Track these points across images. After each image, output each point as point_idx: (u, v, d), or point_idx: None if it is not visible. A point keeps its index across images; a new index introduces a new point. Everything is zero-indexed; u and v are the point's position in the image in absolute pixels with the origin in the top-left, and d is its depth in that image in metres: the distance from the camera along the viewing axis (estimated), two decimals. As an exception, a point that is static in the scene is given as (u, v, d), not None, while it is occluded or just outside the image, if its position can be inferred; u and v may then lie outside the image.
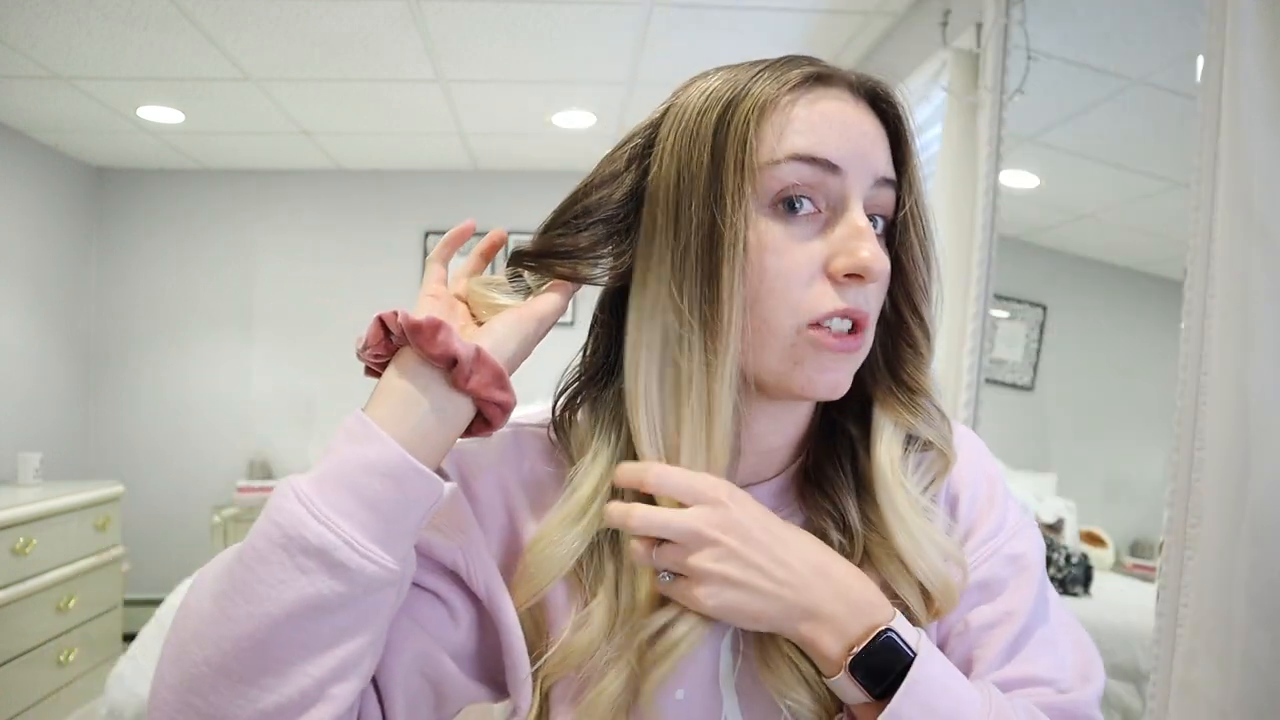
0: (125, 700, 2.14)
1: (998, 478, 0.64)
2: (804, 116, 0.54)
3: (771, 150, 0.53)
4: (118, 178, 3.92)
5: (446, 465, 0.59)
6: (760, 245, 0.54)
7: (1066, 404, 2.55)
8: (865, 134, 0.56)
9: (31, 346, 3.46)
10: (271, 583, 0.47)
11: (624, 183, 0.58)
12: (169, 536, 3.83)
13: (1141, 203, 2.18)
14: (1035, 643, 0.57)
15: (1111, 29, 1.81)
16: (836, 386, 0.56)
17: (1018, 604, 0.58)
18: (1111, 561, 2.42)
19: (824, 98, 0.55)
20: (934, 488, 0.61)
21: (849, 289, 0.54)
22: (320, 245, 3.98)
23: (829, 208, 0.55)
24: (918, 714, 0.49)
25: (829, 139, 0.54)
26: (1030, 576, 0.59)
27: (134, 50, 2.53)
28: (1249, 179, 0.98)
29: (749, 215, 0.53)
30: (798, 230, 0.54)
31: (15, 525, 2.60)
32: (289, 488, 0.49)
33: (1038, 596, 0.59)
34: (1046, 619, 0.59)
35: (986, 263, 1.78)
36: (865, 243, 0.53)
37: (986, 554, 0.60)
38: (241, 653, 0.46)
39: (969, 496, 0.62)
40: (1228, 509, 0.98)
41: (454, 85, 2.87)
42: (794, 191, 0.54)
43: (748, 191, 0.53)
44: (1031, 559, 0.60)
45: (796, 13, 2.30)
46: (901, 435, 0.60)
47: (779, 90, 0.54)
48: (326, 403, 3.97)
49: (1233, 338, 0.99)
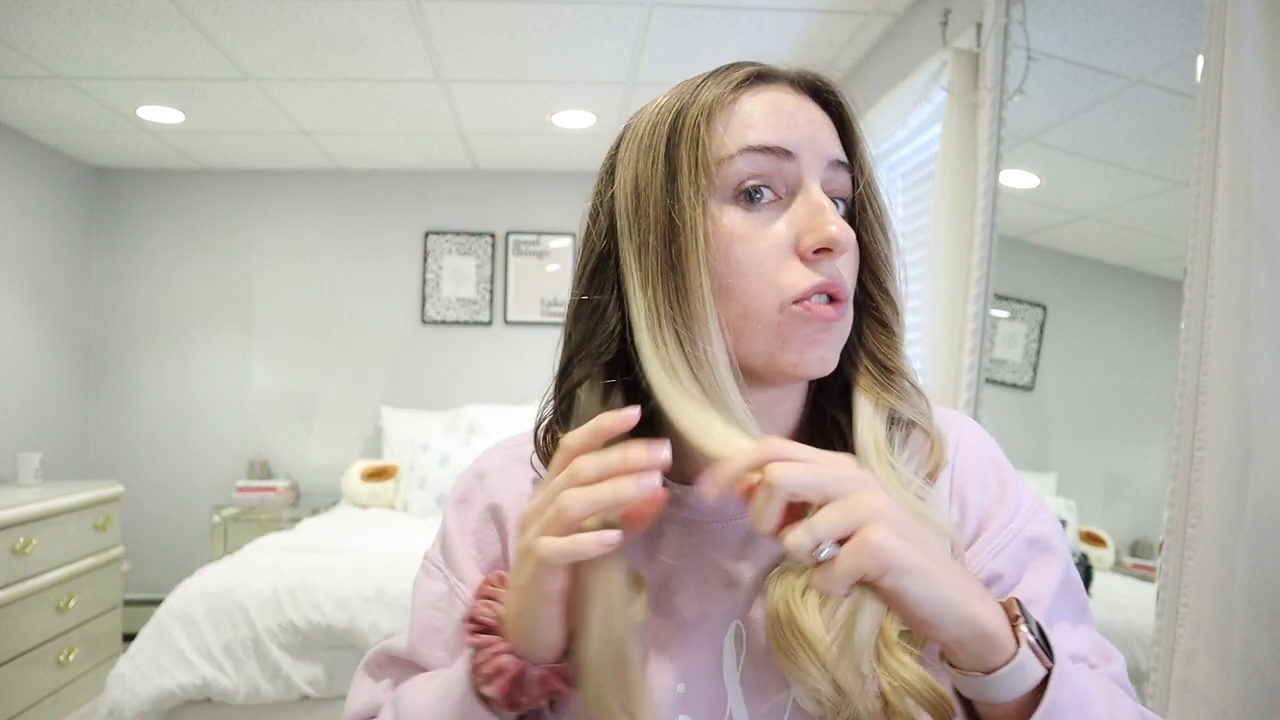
0: (125, 700, 2.15)
1: (1003, 461, 0.64)
2: (751, 110, 0.57)
3: (724, 145, 0.56)
4: (118, 178, 3.92)
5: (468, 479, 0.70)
6: (726, 235, 0.55)
7: (1066, 404, 2.55)
8: (812, 120, 0.58)
9: (31, 346, 3.46)
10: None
11: (600, 221, 0.60)
12: (169, 536, 3.83)
13: (1141, 203, 2.18)
14: (1062, 624, 0.57)
15: (1111, 29, 1.81)
16: (825, 361, 0.57)
17: (1041, 586, 0.58)
18: (1111, 561, 2.42)
19: (767, 91, 0.58)
20: (930, 475, 0.60)
21: (821, 263, 0.56)
22: (320, 245, 3.99)
23: (788, 193, 0.57)
24: (1071, 704, 0.48)
25: (778, 128, 0.56)
26: (1053, 558, 0.59)
27: (134, 50, 2.53)
28: (1249, 179, 0.98)
29: (707, 208, 0.55)
30: (760, 218, 0.56)
31: (15, 525, 2.59)
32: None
33: (1063, 578, 0.59)
34: (1068, 600, 0.59)
35: (986, 263, 1.78)
36: (829, 217, 0.55)
37: (1005, 540, 0.60)
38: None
39: (978, 487, 0.62)
40: (1228, 509, 0.98)
41: (454, 85, 2.87)
42: (751, 183, 0.56)
43: (703, 186, 0.55)
44: (1053, 540, 0.60)
45: (796, 13, 2.30)
46: (883, 415, 0.60)
47: (724, 90, 0.57)
48: (326, 403, 3.98)
49: (1233, 338, 0.99)
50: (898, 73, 2.24)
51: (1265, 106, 0.98)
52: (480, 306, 4.01)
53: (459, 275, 4.01)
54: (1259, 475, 0.95)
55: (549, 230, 4.01)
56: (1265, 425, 0.95)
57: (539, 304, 4.03)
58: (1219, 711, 0.96)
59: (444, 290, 4.01)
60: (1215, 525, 1.00)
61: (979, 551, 0.60)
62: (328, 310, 3.98)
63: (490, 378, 3.98)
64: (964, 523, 0.61)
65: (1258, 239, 0.97)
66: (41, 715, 2.67)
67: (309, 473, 3.94)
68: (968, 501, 0.61)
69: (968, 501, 0.61)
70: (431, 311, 4.00)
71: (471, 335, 4.01)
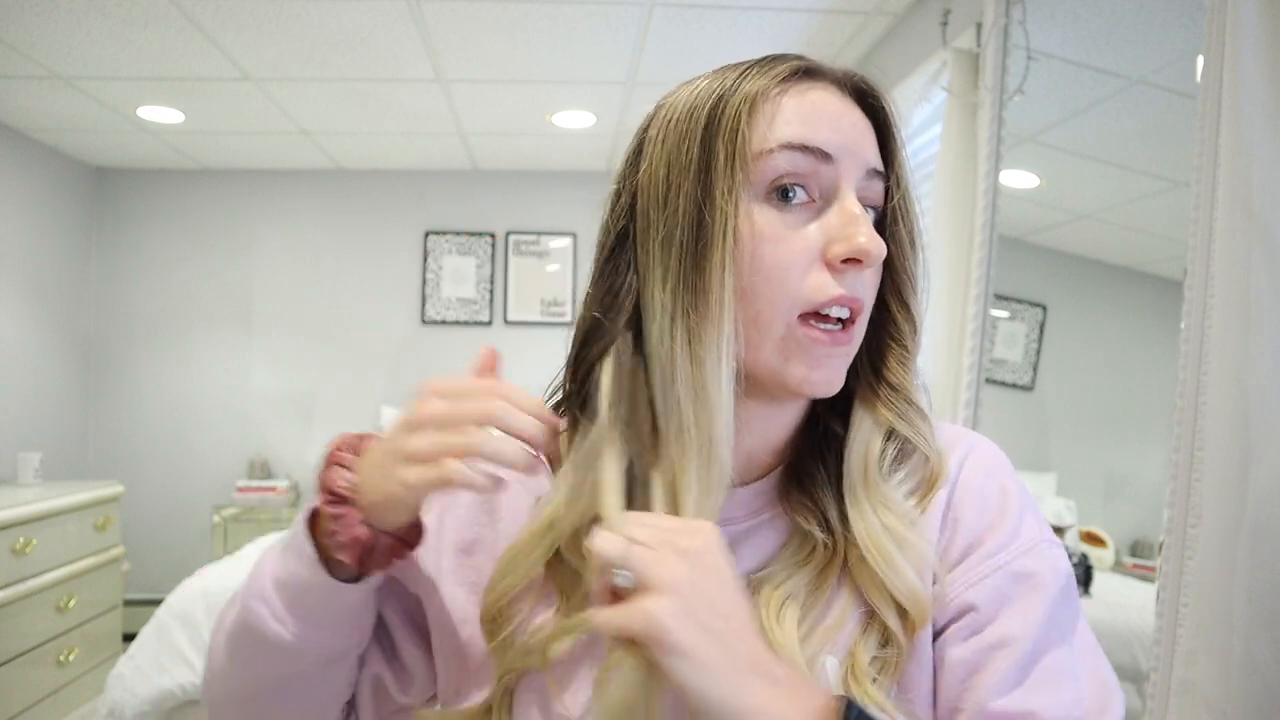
0: (125, 700, 2.15)
1: (1015, 491, 0.59)
2: (794, 107, 0.55)
3: (763, 140, 0.54)
4: (118, 178, 3.92)
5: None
6: (755, 234, 0.53)
7: (1066, 404, 2.55)
8: (854, 125, 0.56)
9: (31, 346, 3.46)
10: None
11: (622, 200, 0.58)
12: (169, 536, 3.83)
13: (1141, 203, 2.18)
14: (1044, 670, 0.52)
15: (1111, 29, 1.81)
16: (831, 383, 0.56)
17: (1019, 627, 0.52)
18: (1111, 561, 2.42)
19: (813, 89, 0.56)
20: (923, 499, 0.58)
21: (846, 275, 0.54)
22: (320, 245, 3.99)
23: (822, 197, 0.55)
24: None
25: (820, 128, 0.54)
26: (1040, 597, 0.54)
27: (134, 50, 2.53)
28: (1249, 179, 0.98)
29: (740, 204, 0.53)
30: (792, 218, 0.54)
31: (15, 525, 2.59)
32: None
33: (1049, 619, 0.53)
34: (1063, 645, 0.53)
35: (986, 263, 1.78)
36: (862, 227, 0.53)
37: (989, 570, 0.55)
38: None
39: (976, 510, 0.58)
40: (1228, 509, 0.98)
41: (454, 85, 2.87)
42: (787, 180, 0.54)
43: (739, 180, 0.53)
44: (1043, 579, 0.54)
45: (796, 13, 2.30)
46: (880, 431, 0.59)
47: (769, 83, 0.55)
48: (326, 403, 3.98)
49: (1233, 338, 0.99)
50: (898, 73, 2.24)
51: (1265, 106, 0.98)
52: (480, 306, 4.01)
53: (459, 275, 4.01)
54: (1259, 475, 0.95)
55: (549, 230, 4.01)
56: (1265, 425, 0.95)
57: (539, 304, 4.03)
58: (1219, 711, 0.96)
59: (444, 290, 4.01)
60: (1215, 525, 1.00)
61: (954, 581, 0.56)
62: (328, 310, 3.98)
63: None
64: (951, 545, 0.57)
65: (1258, 239, 0.97)
66: (41, 715, 2.67)
67: (309, 472, 3.93)
68: (961, 522, 0.58)
69: (961, 522, 0.58)
70: (431, 311, 4.00)
71: (471, 335, 4.01)
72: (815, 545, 0.57)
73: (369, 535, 0.55)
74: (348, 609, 0.59)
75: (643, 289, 0.56)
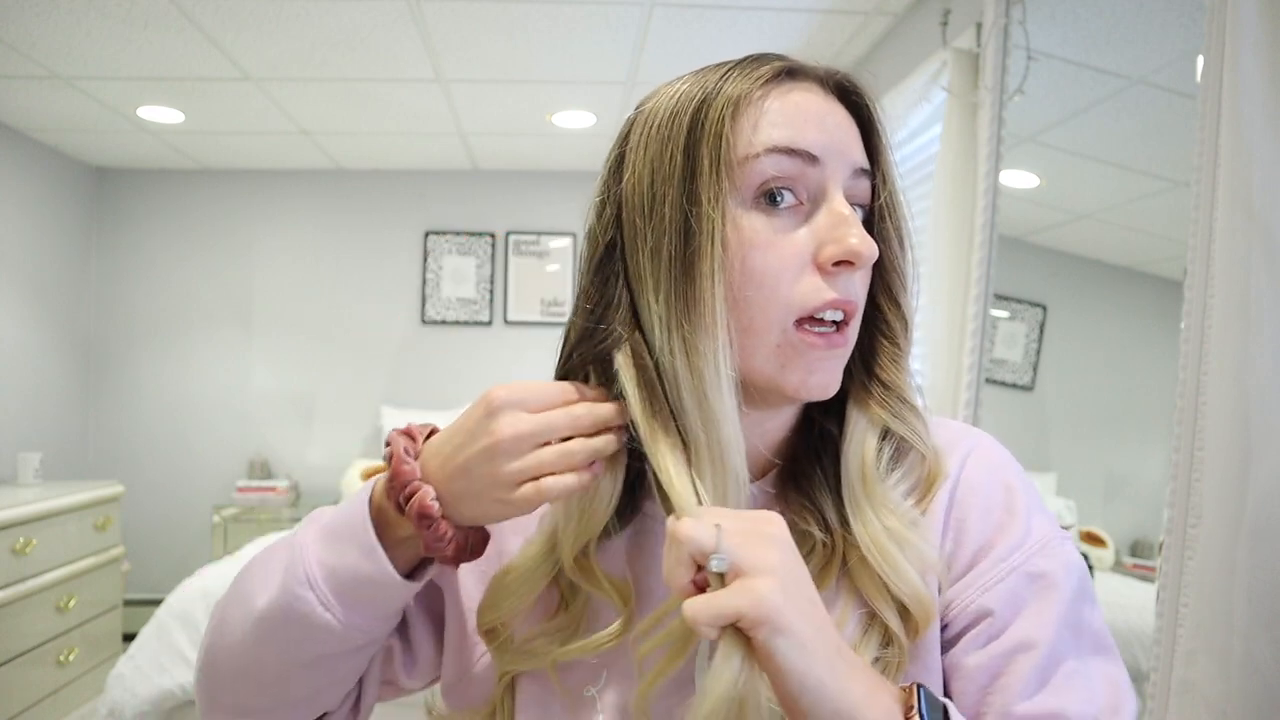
0: (125, 700, 2.15)
1: (1020, 488, 0.58)
2: (778, 109, 0.54)
3: (748, 144, 0.53)
4: (118, 178, 3.92)
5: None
6: (743, 242, 0.53)
7: (1066, 404, 2.55)
8: (839, 125, 0.56)
9: (31, 346, 3.46)
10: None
11: (606, 213, 0.57)
12: (169, 536, 3.83)
13: (1141, 203, 2.18)
14: (1065, 673, 0.52)
15: (1111, 29, 1.81)
16: (828, 386, 0.56)
17: (1037, 630, 0.52)
18: (1111, 561, 2.42)
19: (795, 90, 0.56)
20: (923, 500, 0.58)
21: (839, 278, 0.54)
22: (320, 245, 3.99)
23: (809, 200, 0.55)
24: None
25: (806, 130, 0.54)
26: (1056, 598, 0.54)
27: (134, 50, 2.53)
28: (1249, 179, 0.98)
29: (727, 211, 0.53)
30: (780, 223, 0.54)
31: (15, 525, 2.59)
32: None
33: (1064, 620, 0.53)
34: (1079, 646, 0.53)
35: (986, 263, 1.78)
36: (852, 228, 0.53)
37: (1003, 573, 0.54)
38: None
39: (981, 511, 0.57)
40: (1228, 509, 0.98)
41: (454, 85, 2.87)
42: (774, 184, 0.53)
43: (724, 187, 0.52)
44: (1057, 578, 0.54)
45: (796, 13, 2.30)
46: (876, 430, 0.58)
47: (751, 86, 0.54)
48: (326, 403, 3.98)
49: (1233, 338, 0.99)
50: (898, 73, 2.24)
51: (1265, 106, 0.98)
52: (480, 306, 4.01)
53: (459, 275, 4.01)
54: (1259, 475, 0.95)
55: (549, 230, 4.01)
56: (1265, 425, 0.95)
57: (539, 304, 4.03)
58: (1219, 711, 0.96)
59: (444, 290, 4.01)
60: (1215, 525, 1.00)
61: (968, 586, 0.55)
62: (328, 310, 3.98)
63: (490, 378, 3.96)
64: (959, 550, 0.57)
65: (1258, 239, 0.97)
66: (41, 715, 2.67)
67: (309, 473, 3.94)
68: (966, 526, 0.57)
69: (966, 526, 0.57)
70: (431, 311, 4.00)
71: (471, 335, 4.01)
72: (814, 545, 0.57)
73: (463, 536, 0.56)
74: (401, 601, 0.59)
75: (637, 299, 0.55)
